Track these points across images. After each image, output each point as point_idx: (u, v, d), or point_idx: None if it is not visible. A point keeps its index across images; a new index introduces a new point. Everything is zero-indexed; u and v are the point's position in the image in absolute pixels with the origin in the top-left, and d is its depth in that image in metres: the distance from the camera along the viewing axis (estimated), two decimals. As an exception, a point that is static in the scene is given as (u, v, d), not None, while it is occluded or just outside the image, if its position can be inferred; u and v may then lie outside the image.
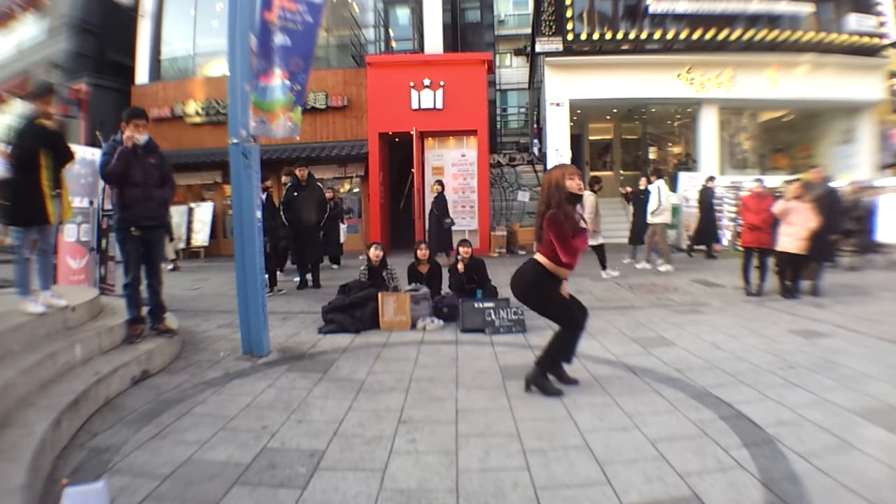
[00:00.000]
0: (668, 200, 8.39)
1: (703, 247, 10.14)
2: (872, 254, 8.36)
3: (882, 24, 12.18)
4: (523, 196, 12.33)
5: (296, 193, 7.13)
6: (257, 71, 3.88)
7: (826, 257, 6.27)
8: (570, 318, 3.14)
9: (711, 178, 10.26)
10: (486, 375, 3.43)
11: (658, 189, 8.26)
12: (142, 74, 14.10)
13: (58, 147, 3.46)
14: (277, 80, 3.94)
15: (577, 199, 3.00)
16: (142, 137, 3.75)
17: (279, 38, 3.91)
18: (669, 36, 11.96)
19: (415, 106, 11.66)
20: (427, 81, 11.61)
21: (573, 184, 2.96)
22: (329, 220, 8.30)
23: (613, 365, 3.61)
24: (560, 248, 2.93)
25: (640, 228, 8.89)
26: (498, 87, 20.71)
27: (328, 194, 8.47)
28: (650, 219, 8.31)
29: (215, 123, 12.91)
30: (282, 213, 7.07)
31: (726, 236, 11.22)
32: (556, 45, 11.89)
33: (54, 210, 3.47)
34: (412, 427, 2.62)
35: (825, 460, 2.17)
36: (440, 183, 10.18)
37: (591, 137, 16.34)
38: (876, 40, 12.13)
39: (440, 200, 9.81)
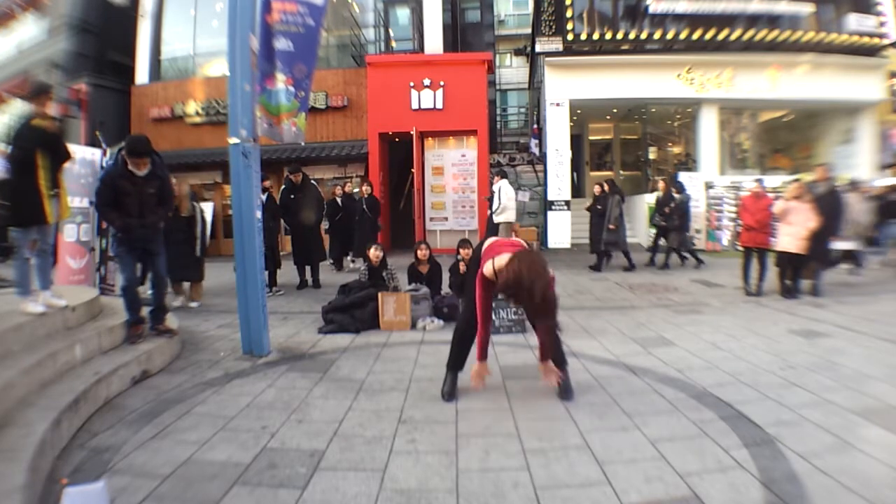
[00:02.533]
0: (508, 200, 8.70)
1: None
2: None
3: (882, 24, 12.17)
4: (523, 196, 12.33)
5: (292, 196, 7.13)
6: (263, 74, 3.89)
7: (824, 258, 6.26)
8: (465, 313, 3.11)
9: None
10: (486, 375, 3.42)
11: (499, 190, 8.61)
12: (142, 74, 14.09)
13: (56, 148, 3.46)
14: (282, 86, 3.95)
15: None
16: (140, 173, 3.66)
17: (282, 43, 3.92)
18: (669, 36, 11.96)
19: (415, 106, 11.66)
20: (427, 81, 11.61)
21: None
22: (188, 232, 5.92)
23: (613, 365, 3.61)
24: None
25: (490, 228, 9.12)
26: (498, 87, 20.70)
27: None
28: (495, 218, 8.65)
29: (215, 123, 12.90)
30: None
31: (725, 236, 11.27)
32: (556, 45, 11.88)
33: (52, 210, 3.47)
34: (412, 427, 2.62)
35: (825, 460, 2.17)
36: (370, 184, 9.34)
37: (591, 137, 16.34)
38: (876, 40, 12.12)
39: (372, 202, 8.86)
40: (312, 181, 7.65)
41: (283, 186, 7.34)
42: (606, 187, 8.65)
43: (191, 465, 2.23)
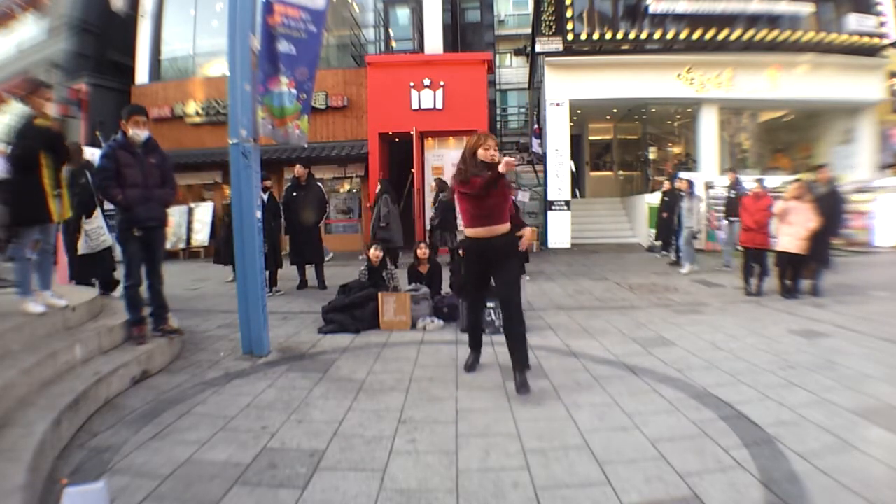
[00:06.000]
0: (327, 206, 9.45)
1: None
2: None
3: (882, 24, 12.17)
4: (523, 196, 12.32)
5: (294, 193, 7.12)
6: (266, 75, 3.89)
7: (824, 259, 6.26)
8: (467, 300, 3.62)
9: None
10: (486, 375, 3.43)
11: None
12: (142, 74, 14.10)
13: (58, 148, 3.47)
14: (285, 88, 3.95)
15: (489, 166, 3.08)
16: (142, 133, 3.73)
17: (284, 47, 3.93)
18: (669, 36, 11.96)
19: (415, 106, 11.66)
20: (427, 81, 11.61)
21: (486, 154, 3.10)
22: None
23: (613, 365, 3.61)
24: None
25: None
26: (498, 87, 20.70)
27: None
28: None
29: (215, 123, 12.90)
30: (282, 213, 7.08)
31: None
32: (556, 45, 11.89)
33: (56, 209, 3.47)
34: (412, 427, 2.62)
35: (825, 460, 2.17)
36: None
37: (591, 137, 16.35)
38: (876, 40, 12.13)
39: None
40: (318, 181, 7.64)
41: (287, 184, 7.34)
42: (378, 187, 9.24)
43: (191, 465, 2.23)
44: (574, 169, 12.18)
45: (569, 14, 11.78)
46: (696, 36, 11.77)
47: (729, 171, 8.93)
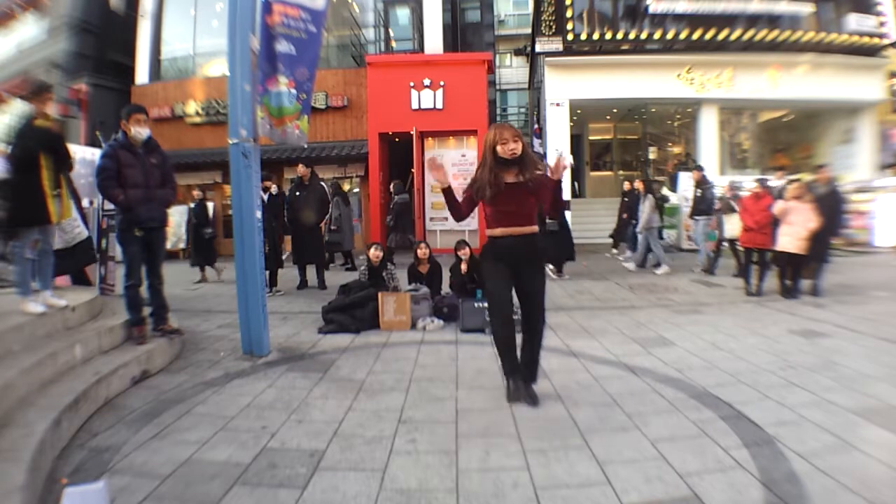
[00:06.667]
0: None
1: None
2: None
3: (882, 24, 12.18)
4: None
5: (297, 193, 7.13)
6: (264, 75, 3.89)
7: (823, 258, 6.26)
8: (492, 305, 2.93)
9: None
10: (486, 375, 3.43)
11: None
12: (142, 74, 14.09)
13: (56, 150, 3.47)
14: (284, 88, 3.96)
15: (506, 162, 2.78)
16: (144, 131, 3.73)
17: (284, 47, 3.93)
18: (669, 36, 11.97)
19: (415, 106, 11.66)
20: (427, 81, 11.61)
21: (504, 149, 2.76)
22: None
23: (613, 365, 3.61)
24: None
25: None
26: (498, 87, 20.72)
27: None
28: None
29: (215, 123, 12.90)
30: (285, 212, 7.09)
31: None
32: (556, 45, 11.90)
33: (55, 209, 3.47)
34: (412, 427, 2.62)
35: (825, 460, 2.16)
36: (201, 189, 9.04)
37: (591, 137, 16.35)
38: (876, 40, 12.14)
39: (200, 208, 8.28)
40: (322, 182, 7.63)
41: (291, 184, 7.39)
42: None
43: (191, 465, 2.23)
44: (573, 163, 12.15)
45: (569, 14, 11.79)
46: (696, 36, 11.77)
47: (695, 169, 8.89)
